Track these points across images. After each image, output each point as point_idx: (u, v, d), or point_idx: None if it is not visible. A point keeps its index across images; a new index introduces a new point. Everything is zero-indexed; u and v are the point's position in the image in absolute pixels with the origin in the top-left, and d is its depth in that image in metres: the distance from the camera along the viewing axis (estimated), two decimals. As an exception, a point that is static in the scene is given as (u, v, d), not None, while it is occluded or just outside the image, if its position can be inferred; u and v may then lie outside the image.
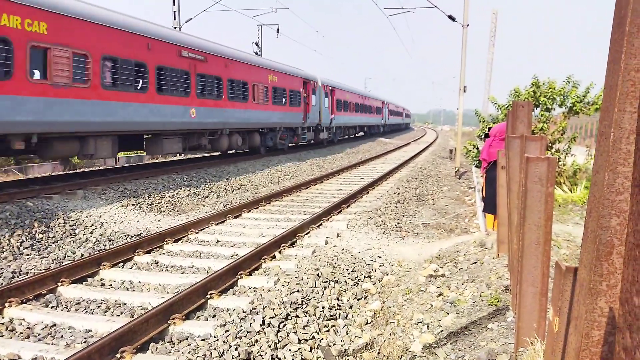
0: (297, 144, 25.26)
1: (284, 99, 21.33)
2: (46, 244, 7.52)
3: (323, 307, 5.03)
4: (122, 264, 6.64)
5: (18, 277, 6.07)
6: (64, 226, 8.24)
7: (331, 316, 4.96)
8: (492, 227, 7.00)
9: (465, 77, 17.91)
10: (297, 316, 4.73)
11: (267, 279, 5.91)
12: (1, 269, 6.27)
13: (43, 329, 4.65)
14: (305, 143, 26.79)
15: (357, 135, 41.03)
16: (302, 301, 5.04)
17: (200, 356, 4.01)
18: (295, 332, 4.42)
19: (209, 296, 5.29)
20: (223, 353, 4.00)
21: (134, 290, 5.76)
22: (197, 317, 5.01)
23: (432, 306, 4.75)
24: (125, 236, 8.17)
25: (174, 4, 20.99)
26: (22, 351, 4.11)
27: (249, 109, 17.96)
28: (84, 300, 5.37)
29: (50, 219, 8.32)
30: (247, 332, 4.29)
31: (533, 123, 10.45)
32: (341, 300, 5.38)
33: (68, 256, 7.01)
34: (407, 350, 3.95)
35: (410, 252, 7.27)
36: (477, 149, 14.08)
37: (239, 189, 13.67)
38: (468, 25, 17.61)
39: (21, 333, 4.58)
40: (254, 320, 4.48)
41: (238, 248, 7.37)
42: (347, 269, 6.29)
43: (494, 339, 3.52)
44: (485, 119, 13.87)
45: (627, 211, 1.23)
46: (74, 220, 8.55)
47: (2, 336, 4.53)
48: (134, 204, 10.25)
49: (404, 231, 8.77)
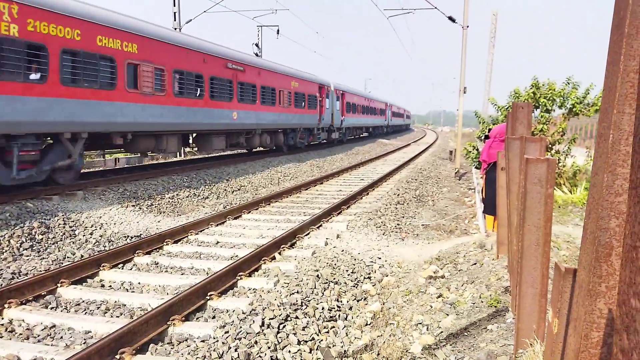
0: (310, 143, 27.28)
1: (303, 103, 23.86)
2: (46, 245, 7.52)
3: (323, 309, 5.03)
4: (121, 265, 6.64)
5: (18, 278, 6.07)
6: (64, 227, 8.24)
7: (331, 317, 4.95)
8: (492, 228, 7.00)
9: (465, 78, 17.92)
10: (296, 317, 4.73)
11: (267, 280, 5.91)
12: (1, 269, 6.26)
13: (42, 330, 4.65)
14: (315, 142, 28.32)
15: (361, 136, 42.13)
16: (301, 302, 5.04)
17: (200, 357, 4.01)
18: (294, 334, 4.42)
19: (208, 297, 5.29)
20: (223, 354, 4.00)
21: (133, 292, 5.76)
22: (197, 318, 5.01)
23: (431, 307, 4.75)
24: (125, 237, 8.17)
25: (174, 5, 21.01)
26: (21, 352, 4.10)
27: (276, 111, 20.51)
28: (83, 301, 5.37)
29: (50, 220, 8.32)
30: (247, 334, 4.29)
31: (533, 124, 10.46)
32: (341, 302, 5.38)
33: (68, 257, 7.01)
34: (406, 351, 3.95)
35: (410, 253, 7.26)
36: (477, 150, 14.08)
37: (238, 190, 13.67)
38: (468, 27, 17.63)
39: (21, 334, 4.58)
40: (253, 321, 4.48)
41: (238, 249, 7.36)
42: (347, 270, 6.28)
43: (493, 341, 3.51)
44: (485, 120, 13.88)
45: (626, 213, 1.23)
46: (73, 221, 8.54)
47: (1, 337, 4.52)
48: (133, 205, 10.25)
49: (403, 232, 8.77)
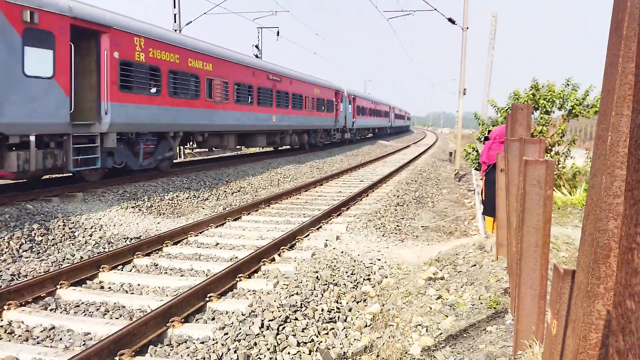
0: (326, 143, 30.32)
1: (323, 107, 27.65)
2: (45, 247, 7.52)
3: (322, 310, 5.03)
4: (121, 266, 6.63)
5: (17, 279, 6.07)
6: (64, 229, 8.23)
7: (330, 319, 4.95)
8: (491, 229, 7.00)
9: (465, 80, 17.94)
10: (296, 319, 4.73)
11: (267, 281, 5.90)
12: (0, 271, 6.26)
13: (42, 331, 4.64)
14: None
15: (367, 137, 44.53)
16: (301, 304, 5.04)
17: (199, 359, 4.01)
18: (294, 335, 4.42)
19: (208, 299, 5.28)
20: (222, 356, 4.00)
21: (133, 293, 5.75)
22: (196, 320, 5.00)
23: (431, 309, 4.75)
24: (125, 239, 8.17)
25: (174, 7, 21.02)
26: (20, 354, 4.10)
27: (303, 115, 24.25)
28: (83, 303, 5.37)
29: (49, 221, 8.32)
30: (246, 335, 4.29)
31: (532, 126, 10.46)
32: (340, 303, 5.38)
33: (67, 259, 7.00)
34: (406, 353, 3.94)
35: (409, 254, 7.26)
36: (477, 151, 14.09)
37: (238, 191, 13.67)
38: (468, 28, 17.65)
39: (20, 336, 4.57)
40: (253, 323, 4.47)
41: (237, 251, 7.36)
42: (347, 272, 6.28)
43: (492, 342, 3.51)
44: (485, 121, 13.89)
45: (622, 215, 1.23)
46: (73, 223, 8.54)
47: (0, 339, 4.52)
48: (133, 207, 10.25)
49: (403, 234, 8.77)
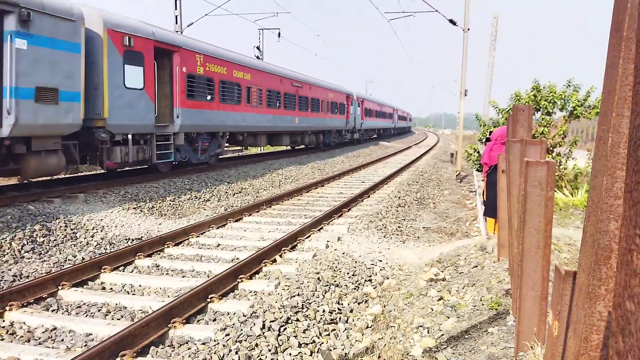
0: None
1: (336, 110, 30.67)
2: (47, 248, 7.53)
3: (323, 311, 5.03)
4: (122, 267, 6.64)
5: (19, 280, 6.08)
6: (65, 230, 8.25)
7: (332, 320, 4.95)
8: (493, 230, 7.00)
9: (466, 81, 17.94)
10: (297, 320, 4.73)
11: (268, 282, 5.90)
12: (2, 272, 6.27)
13: (43, 332, 4.65)
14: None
15: (372, 137, 46.62)
16: (302, 305, 5.04)
17: (201, 360, 4.01)
18: (295, 336, 4.42)
19: (209, 300, 5.29)
20: (223, 357, 4.01)
21: (134, 294, 5.76)
22: (198, 321, 5.01)
23: (432, 310, 4.74)
24: (126, 240, 8.18)
25: (175, 8, 21.04)
26: (22, 355, 4.11)
27: (320, 117, 27.34)
28: (84, 304, 5.38)
29: (51, 222, 8.33)
30: (248, 336, 4.29)
31: (534, 127, 10.45)
32: (342, 304, 5.38)
33: (69, 260, 7.01)
34: (407, 354, 3.94)
35: (411, 255, 7.26)
36: (478, 152, 14.08)
37: (240, 192, 13.68)
38: (469, 29, 17.65)
39: (22, 337, 4.58)
40: (254, 324, 4.48)
41: (239, 252, 7.37)
42: (348, 273, 6.28)
43: (494, 343, 3.51)
44: (486, 122, 13.88)
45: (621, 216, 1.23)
46: (75, 224, 8.56)
47: (2, 340, 4.53)
48: (135, 208, 10.26)
49: (404, 235, 8.76)
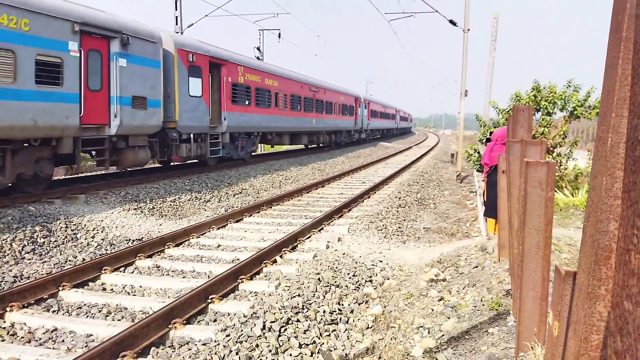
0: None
1: (346, 111, 33.55)
2: (48, 249, 7.54)
3: (324, 312, 5.03)
4: (123, 268, 6.65)
5: (20, 281, 6.08)
6: (66, 230, 8.25)
7: (332, 320, 4.95)
8: (493, 231, 6.99)
9: (467, 81, 17.93)
10: (298, 320, 4.73)
11: (268, 283, 5.90)
12: (3, 273, 6.27)
13: (44, 333, 4.65)
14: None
15: (377, 137, 48.44)
16: (303, 305, 5.04)
17: (201, 361, 4.01)
18: (296, 337, 4.42)
19: (210, 300, 5.29)
20: (224, 357, 4.01)
21: (135, 295, 5.76)
22: (198, 322, 5.01)
23: (433, 310, 4.74)
24: (127, 240, 8.18)
25: (175, 9, 21.05)
26: (23, 355, 4.11)
27: (333, 118, 30.00)
28: (85, 305, 5.38)
29: (51, 223, 8.33)
30: (248, 337, 4.29)
31: (534, 127, 10.45)
32: (342, 305, 5.38)
33: (69, 260, 7.02)
34: (408, 354, 3.94)
35: (411, 256, 7.26)
36: (479, 153, 14.08)
37: (240, 193, 13.68)
38: (469, 30, 17.64)
39: (22, 337, 4.58)
40: (254, 324, 4.48)
41: (239, 252, 7.37)
42: (348, 273, 6.28)
43: (494, 344, 3.51)
44: (486, 123, 13.88)
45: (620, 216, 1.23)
46: (75, 225, 8.56)
47: (3, 340, 4.53)
48: (135, 209, 10.27)
49: (405, 235, 8.76)
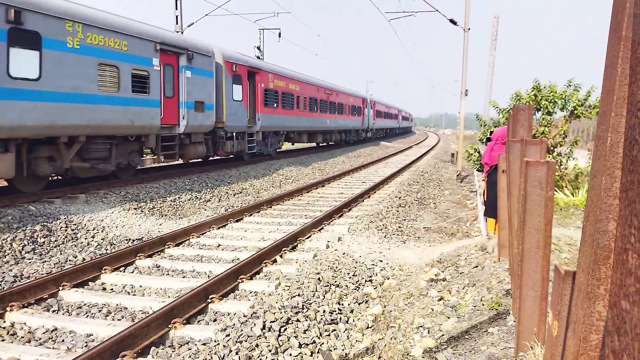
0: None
1: (355, 112, 36.23)
2: (48, 248, 7.54)
3: (324, 311, 5.03)
4: (123, 268, 6.65)
5: (20, 281, 6.08)
6: (66, 230, 8.25)
7: (332, 320, 4.95)
8: (493, 231, 6.99)
9: (467, 81, 17.93)
10: (297, 320, 4.73)
11: (268, 283, 5.90)
12: (3, 273, 6.28)
13: (44, 333, 4.65)
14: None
15: (379, 136, 50.31)
16: (303, 305, 5.04)
17: (201, 360, 4.01)
18: (296, 337, 4.42)
19: (210, 300, 5.29)
20: (224, 357, 4.01)
21: (135, 295, 5.76)
22: (198, 321, 5.01)
23: (433, 310, 4.74)
24: (127, 240, 8.18)
25: (176, 9, 21.04)
26: (23, 355, 4.11)
27: (343, 118, 32.79)
28: (85, 305, 5.38)
29: (52, 223, 8.34)
30: (248, 337, 4.29)
31: (534, 127, 10.45)
32: (342, 305, 5.38)
33: (69, 260, 7.02)
34: (407, 354, 3.94)
35: (411, 256, 7.26)
36: (479, 152, 14.08)
37: (240, 192, 13.68)
38: (469, 29, 17.64)
39: (22, 337, 4.59)
40: (254, 324, 4.48)
41: (239, 252, 7.37)
42: (348, 273, 6.28)
43: (494, 343, 3.51)
44: (487, 122, 13.87)
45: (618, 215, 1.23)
46: (75, 225, 8.56)
47: (3, 340, 4.53)
48: (135, 208, 10.27)
49: (405, 235, 8.76)
